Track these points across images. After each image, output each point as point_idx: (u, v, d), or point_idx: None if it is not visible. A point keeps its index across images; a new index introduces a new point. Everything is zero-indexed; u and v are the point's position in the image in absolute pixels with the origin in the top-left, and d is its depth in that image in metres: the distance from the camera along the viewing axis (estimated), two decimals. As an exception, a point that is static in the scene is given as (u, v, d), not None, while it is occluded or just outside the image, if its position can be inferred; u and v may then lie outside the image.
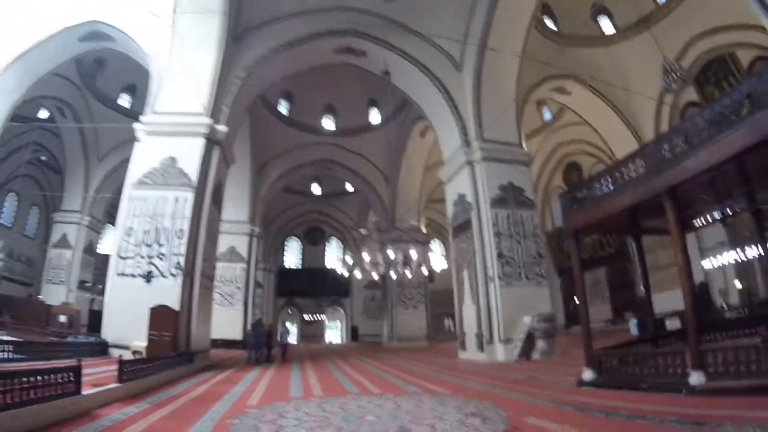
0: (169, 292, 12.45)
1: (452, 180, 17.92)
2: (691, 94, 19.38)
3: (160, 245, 12.95)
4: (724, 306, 16.05)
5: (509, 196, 16.23)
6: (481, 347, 14.85)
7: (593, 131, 22.83)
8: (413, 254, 21.36)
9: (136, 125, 14.36)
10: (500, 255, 15.27)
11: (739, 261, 17.53)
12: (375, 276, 22.32)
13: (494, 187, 16.09)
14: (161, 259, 12.83)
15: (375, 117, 27.58)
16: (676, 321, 12.52)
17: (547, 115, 25.45)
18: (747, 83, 5.77)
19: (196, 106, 14.46)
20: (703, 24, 17.57)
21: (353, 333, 37.95)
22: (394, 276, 21.64)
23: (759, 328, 9.45)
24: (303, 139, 27.23)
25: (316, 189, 35.57)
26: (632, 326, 15.11)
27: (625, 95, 20.33)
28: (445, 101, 17.53)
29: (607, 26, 20.77)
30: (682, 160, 6.39)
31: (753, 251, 15.93)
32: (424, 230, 27.60)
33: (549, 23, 20.08)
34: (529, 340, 13.74)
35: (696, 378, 5.82)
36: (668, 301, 13.07)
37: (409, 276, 21.28)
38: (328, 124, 28.15)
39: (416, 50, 17.65)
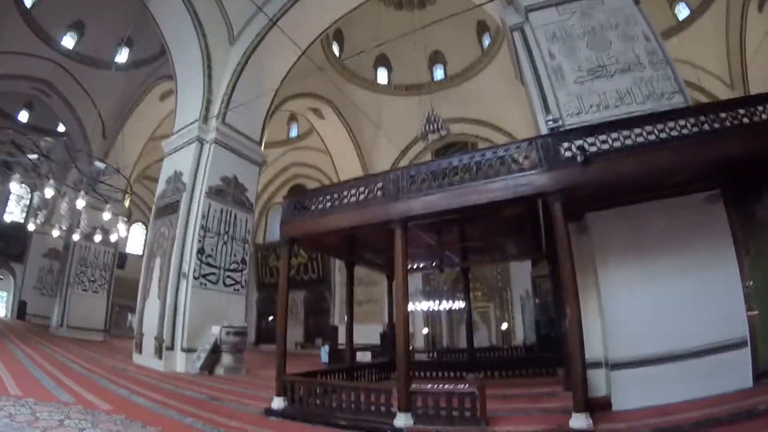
0: None
1: (174, 154, 15.09)
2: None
3: None
4: (411, 347, 17.55)
5: (230, 191, 14.33)
6: (159, 353, 12.16)
7: (331, 162, 23.04)
8: (108, 223, 16.50)
9: None
10: (201, 251, 13.01)
11: (430, 310, 19.68)
12: (55, 233, 16.36)
13: (217, 175, 14.00)
14: None
15: (122, 56, 21.54)
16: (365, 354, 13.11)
17: (294, 132, 24.85)
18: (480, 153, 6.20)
19: None
20: (464, 111, 20.02)
21: (20, 309, 28.22)
22: (75, 237, 16.31)
23: (446, 372, 10.17)
24: (32, 45, 19.71)
25: (23, 116, 25.89)
26: (323, 353, 15.20)
27: (371, 140, 21.36)
28: (202, 66, 14.84)
29: (383, 77, 21.87)
30: (428, 193, 6.13)
31: (445, 304, 18.38)
32: (127, 203, 22.83)
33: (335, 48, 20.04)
34: (215, 352, 11.82)
35: (402, 420, 5.25)
36: (357, 334, 13.17)
37: (97, 240, 16.38)
38: (67, 41, 20.86)
39: (202, 1, 14.77)
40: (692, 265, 5.79)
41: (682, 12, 16.18)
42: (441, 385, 5.79)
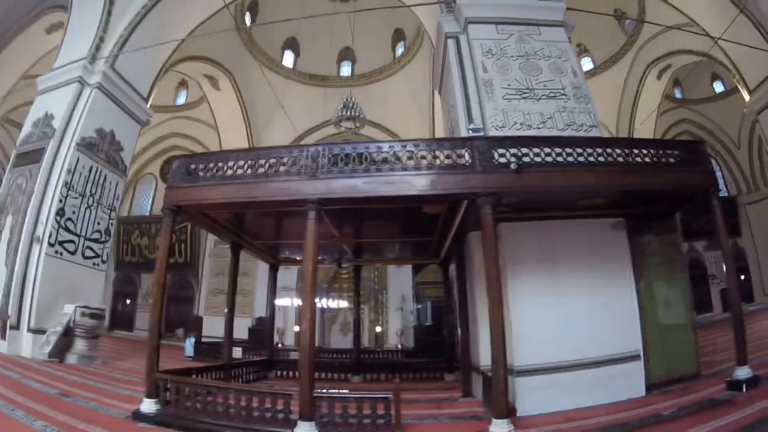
0: None
1: (49, 93, 12.74)
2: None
3: None
4: (281, 344, 16.61)
5: (104, 147, 12.46)
6: (3, 332, 10.04)
7: (216, 138, 21.28)
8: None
9: None
10: (61, 212, 11.04)
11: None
12: None
13: (93, 126, 12.10)
14: None
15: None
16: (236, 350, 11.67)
17: (182, 99, 22.42)
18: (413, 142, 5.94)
19: None
20: (365, 112, 19.38)
21: None
22: None
23: (329, 374, 10.03)
24: None
25: None
26: (188, 345, 14.04)
27: (264, 122, 20.70)
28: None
29: (288, 60, 21.09)
30: (351, 176, 5.64)
31: (320, 302, 17.74)
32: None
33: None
34: (67, 336, 9.97)
35: (305, 429, 4.60)
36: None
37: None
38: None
39: None
40: (596, 282, 6.26)
41: (586, 65, 17.96)
42: (336, 389, 5.45)
